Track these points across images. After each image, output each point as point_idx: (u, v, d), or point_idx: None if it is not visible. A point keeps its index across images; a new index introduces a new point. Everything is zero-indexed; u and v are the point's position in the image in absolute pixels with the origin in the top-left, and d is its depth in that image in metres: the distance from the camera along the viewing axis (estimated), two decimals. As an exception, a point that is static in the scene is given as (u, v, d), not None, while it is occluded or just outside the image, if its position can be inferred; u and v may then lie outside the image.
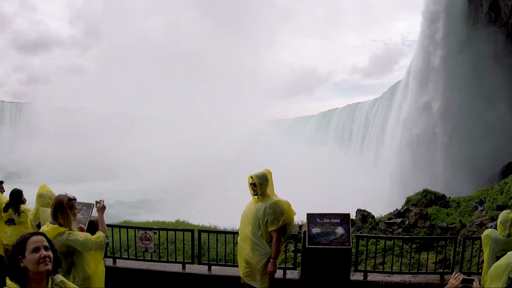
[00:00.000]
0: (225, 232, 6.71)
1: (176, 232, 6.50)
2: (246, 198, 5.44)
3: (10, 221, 6.34)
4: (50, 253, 2.42)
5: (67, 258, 3.86)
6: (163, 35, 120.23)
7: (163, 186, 49.64)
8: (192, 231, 6.26)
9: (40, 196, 5.38)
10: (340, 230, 5.55)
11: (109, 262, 6.35)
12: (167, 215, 17.10)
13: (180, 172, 53.46)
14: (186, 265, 6.21)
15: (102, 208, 4.43)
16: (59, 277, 2.62)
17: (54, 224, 3.88)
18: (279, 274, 5.55)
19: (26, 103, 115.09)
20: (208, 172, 49.00)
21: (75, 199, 4.17)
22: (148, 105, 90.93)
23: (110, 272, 5.91)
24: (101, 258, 4.20)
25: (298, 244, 6.23)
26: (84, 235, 3.96)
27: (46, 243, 2.47)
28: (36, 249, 2.38)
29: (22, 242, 2.42)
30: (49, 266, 2.40)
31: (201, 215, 16.51)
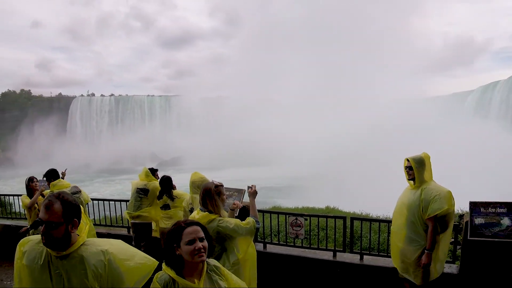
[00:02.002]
0: (378, 220, 6.51)
1: (327, 219, 6.45)
2: (401, 184, 5.22)
3: (165, 207, 6.88)
4: (205, 244, 2.50)
5: (218, 244, 4.05)
6: (302, 11, 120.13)
7: (309, 171, 49.83)
8: (344, 218, 6.16)
9: (192, 183, 5.72)
10: (506, 221, 5.03)
11: (260, 247, 6.58)
12: (315, 201, 17.20)
13: (327, 156, 53.20)
14: (337, 253, 6.16)
15: (253, 193, 4.55)
16: (213, 261, 2.72)
17: (203, 212, 4.10)
18: (437, 268, 5.21)
19: (174, 95, 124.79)
20: (358, 155, 47.90)
21: (222, 185, 4.36)
22: (292, 88, 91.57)
23: (260, 256, 6.10)
24: (250, 242, 4.34)
25: (458, 235, 5.80)
26: (234, 221, 4.12)
27: (202, 234, 2.55)
28: (191, 241, 2.47)
29: (177, 232, 2.53)
30: (204, 257, 2.49)
31: (352, 202, 16.30)
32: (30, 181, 6.73)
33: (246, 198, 5.82)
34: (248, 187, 4.63)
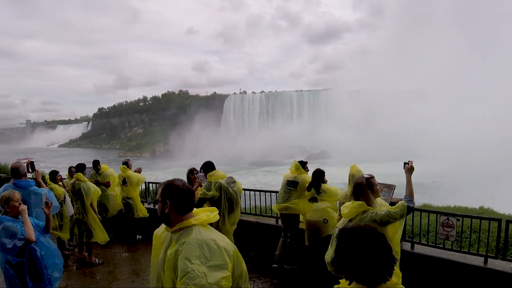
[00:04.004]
0: (538, 224, 5.94)
1: (481, 220, 6.05)
2: None
3: (313, 199, 7.05)
4: None
5: None
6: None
7: (460, 167, 46.62)
8: (499, 220, 5.75)
9: (352, 176, 5.79)
10: None
11: (407, 246, 6.41)
12: (467, 200, 16.18)
13: (482, 150, 49.31)
14: (489, 259, 5.71)
15: (410, 169, 4.53)
16: None
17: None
18: None
19: (322, 89, 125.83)
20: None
21: (372, 177, 4.40)
22: (441, 77, 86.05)
23: (407, 256, 5.98)
24: (399, 230, 4.32)
25: None
26: (385, 209, 4.17)
27: None
28: None
29: None
30: None
31: (510, 202, 15.04)
32: (191, 173, 7.40)
33: (396, 195, 5.80)
34: (405, 163, 4.60)
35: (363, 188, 4.20)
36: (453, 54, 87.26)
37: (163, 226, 2.83)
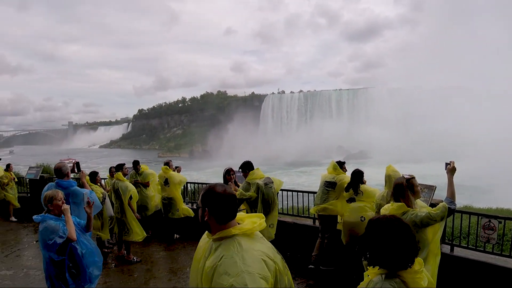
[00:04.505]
0: None
1: None
2: None
3: (351, 200, 7.01)
4: None
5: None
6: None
7: (503, 168, 45.24)
8: (542, 223, 5.59)
9: (388, 177, 5.75)
10: None
11: (446, 249, 6.29)
12: (508, 202, 15.71)
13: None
14: None
15: (452, 170, 4.44)
16: None
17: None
18: None
19: (362, 88, 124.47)
20: None
21: (413, 178, 4.34)
22: (488, 75, 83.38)
23: (447, 259, 5.89)
24: (438, 231, 4.29)
25: None
26: (424, 210, 4.12)
27: None
28: None
29: None
30: None
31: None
32: (227, 173, 7.48)
33: (436, 196, 5.71)
34: (447, 164, 4.52)
35: (403, 189, 4.16)
36: (496, 51, 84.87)
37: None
